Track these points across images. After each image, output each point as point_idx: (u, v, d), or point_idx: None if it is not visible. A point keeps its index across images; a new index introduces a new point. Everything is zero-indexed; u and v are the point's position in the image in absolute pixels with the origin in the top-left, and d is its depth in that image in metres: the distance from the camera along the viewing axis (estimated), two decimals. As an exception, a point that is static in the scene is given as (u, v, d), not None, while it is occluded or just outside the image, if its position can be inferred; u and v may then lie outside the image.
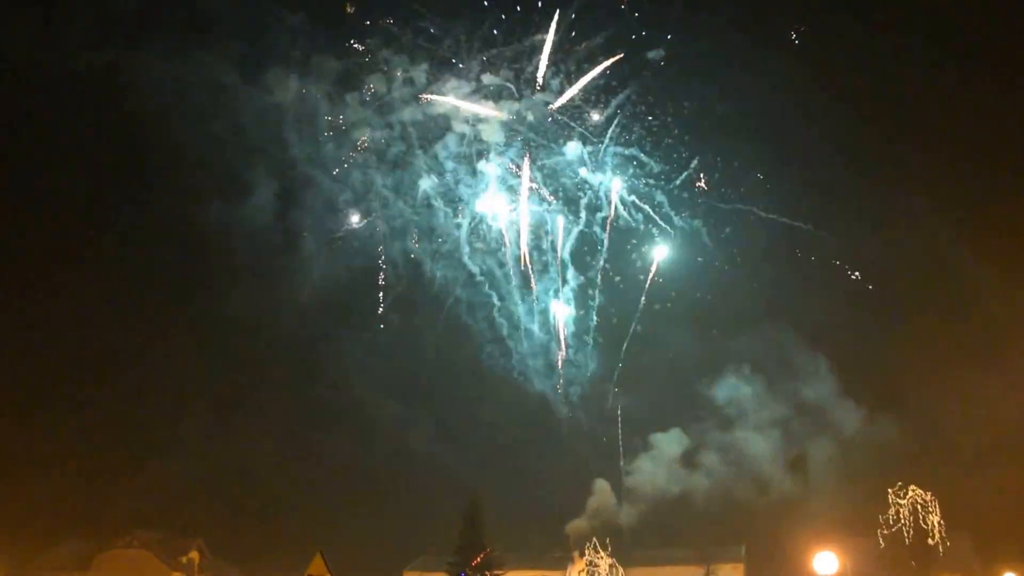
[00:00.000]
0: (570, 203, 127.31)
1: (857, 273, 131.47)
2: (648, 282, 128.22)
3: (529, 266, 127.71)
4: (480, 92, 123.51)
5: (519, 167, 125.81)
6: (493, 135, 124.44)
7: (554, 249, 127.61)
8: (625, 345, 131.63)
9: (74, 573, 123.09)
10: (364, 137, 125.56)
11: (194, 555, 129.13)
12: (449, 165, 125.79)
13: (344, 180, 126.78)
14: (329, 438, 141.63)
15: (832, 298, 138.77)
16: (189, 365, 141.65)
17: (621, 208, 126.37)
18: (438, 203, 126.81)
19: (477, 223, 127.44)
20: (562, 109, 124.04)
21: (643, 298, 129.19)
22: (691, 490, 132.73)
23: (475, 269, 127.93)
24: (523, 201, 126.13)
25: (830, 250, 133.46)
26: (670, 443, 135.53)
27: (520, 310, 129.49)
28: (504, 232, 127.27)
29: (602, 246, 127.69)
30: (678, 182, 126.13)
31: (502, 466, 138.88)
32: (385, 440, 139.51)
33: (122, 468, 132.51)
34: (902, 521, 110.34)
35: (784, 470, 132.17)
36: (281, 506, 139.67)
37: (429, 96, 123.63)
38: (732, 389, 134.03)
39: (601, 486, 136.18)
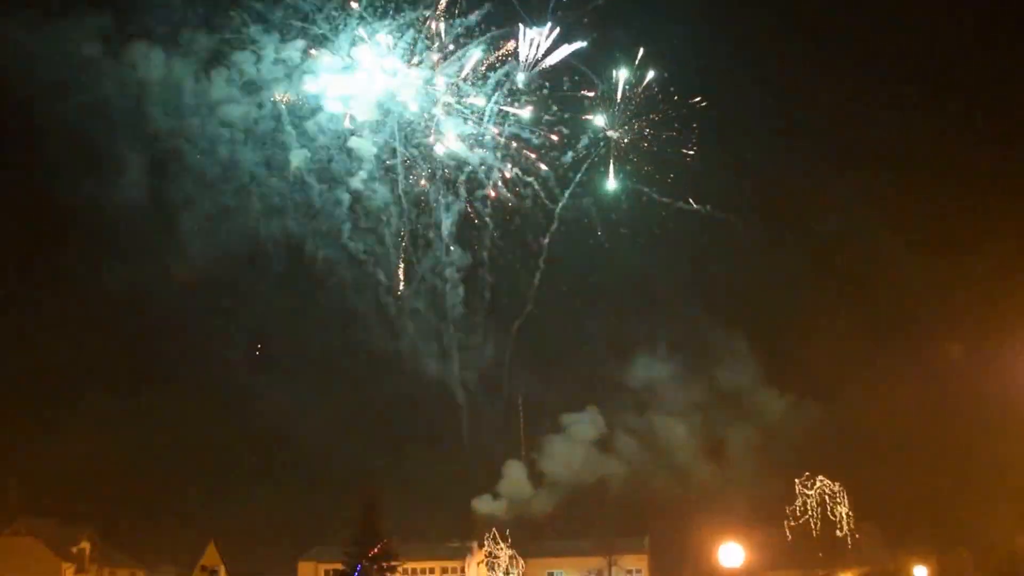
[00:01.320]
0: (448, 182, 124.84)
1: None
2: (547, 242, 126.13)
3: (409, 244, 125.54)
4: (352, 69, 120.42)
5: (394, 145, 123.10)
6: (366, 113, 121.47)
7: (437, 227, 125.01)
8: (518, 324, 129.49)
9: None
10: (231, 113, 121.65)
11: (85, 544, 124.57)
12: (321, 141, 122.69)
13: (213, 157, 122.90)
14: (221, 426, 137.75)
15: (741, 284, 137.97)
16: (75, 350, 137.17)
17: (503, 188, 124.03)
18: (311, 180, 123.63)
19: (355, 201, 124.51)
20: (440, 85, 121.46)
21: (537, 277, 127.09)
22: (601, 476, 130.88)
23: (357, 247, 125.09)
24: (399, 178, 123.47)
25: (736, 236, 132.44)
26: (582, 425, 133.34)
27: (407, 290, 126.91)
28: (383, 210, 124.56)
29: (487, 224, 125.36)
30: (567, 159, 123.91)
31: (401, 454, 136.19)
32: (278, 427, 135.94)
33: (11, 454, 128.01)
34: (809, 512, 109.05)
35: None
36: (174, 495, 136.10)
37: (281, 96, 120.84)
38: (641, 371, 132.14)
39: (512, 468, 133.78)
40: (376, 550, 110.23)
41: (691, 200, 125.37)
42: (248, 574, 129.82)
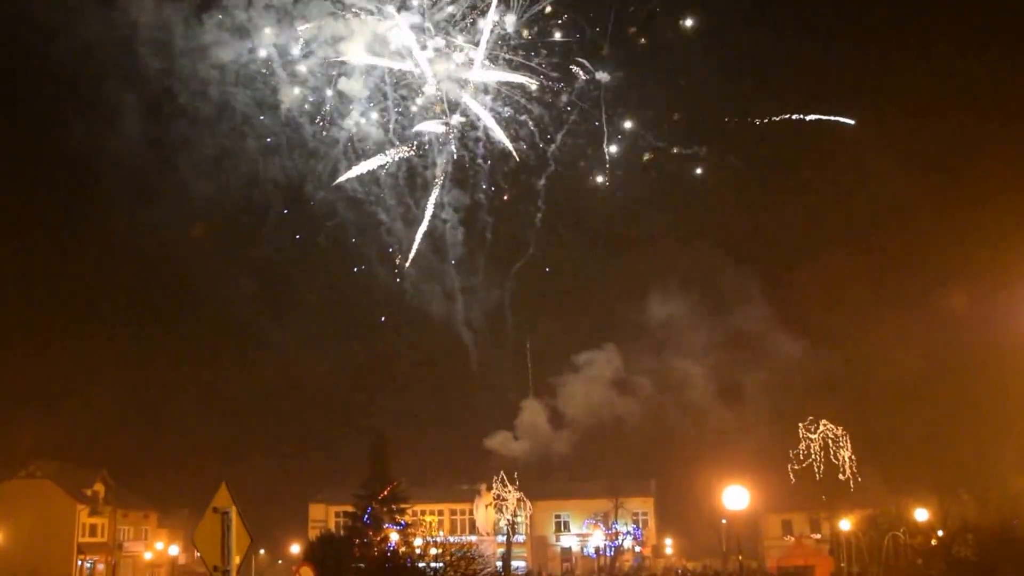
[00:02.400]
0: (441, 123, 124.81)
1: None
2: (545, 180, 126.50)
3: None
4: (345, 11, 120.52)
5: (384, 88, 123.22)
6: (356, 56, 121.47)
7: (435, 166, 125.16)
8: (519, 265, 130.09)
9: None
10: (221, 56, 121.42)
11: (98, 487, 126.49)
12: (312, 83, 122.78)
13: (206, 98, 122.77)
14: (232, 370, 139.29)
15: (743, 228, 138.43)
16: (87, 294, 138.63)
17: (496, 130, 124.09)
18: (303, 121, 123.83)
19: (349, 142, 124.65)
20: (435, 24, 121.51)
21: (539, 216, 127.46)
22: (610, 416, 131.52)
23: (356, 187, 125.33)
24: (391, 120, 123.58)
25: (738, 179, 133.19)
26: (594, 364, 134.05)
27: (408, 232, 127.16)
28: (378, 151, 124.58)
29: (482, 166, 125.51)
30: (561, 101, 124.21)
31: (410, 397, 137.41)
32: (288, 371, 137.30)
33: (25, 398, 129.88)
34: (812, 456, 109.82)
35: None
36: (187, 438, 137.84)
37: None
38: (646, 313, 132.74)
39: (521, 409, 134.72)
40: (385, 493, 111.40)
41: (687, 143, 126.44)
42: (260, 516, 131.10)
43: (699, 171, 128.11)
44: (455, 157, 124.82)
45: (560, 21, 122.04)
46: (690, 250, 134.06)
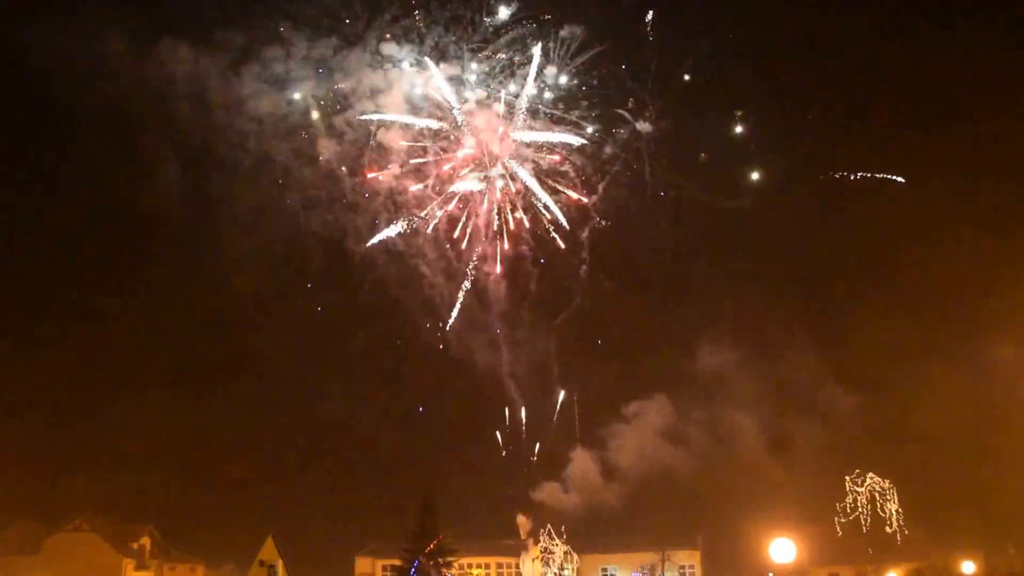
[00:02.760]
0: (481, 175, 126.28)
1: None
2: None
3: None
4: (384, 63, 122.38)
5: (424, 143, 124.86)
6: (395, 108, 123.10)
7: (476, 217, 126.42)
8: (565, 316, 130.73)
9: (23, 556, 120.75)
10: (260, 108, 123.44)
11: (145, 540, 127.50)
12: (350, 136, 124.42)
13: (244, 150, 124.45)
14: (278, 423, 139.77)
15: (788, 277, 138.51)
16: (132, 349, 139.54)
17: (538, 180, 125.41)
18: (343, 172, 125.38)
19: (388, 195, 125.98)
20: (471, 80, 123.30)
21: (583, 267, 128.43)
22: (660, 468, 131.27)
23: (397, 241, 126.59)
24: (431, 173, 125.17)
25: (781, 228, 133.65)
26: (641, 414, 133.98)
27: (451, 285, 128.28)
28: (417, 204, 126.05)
29: (526, 215, 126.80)
30: (603, 153, 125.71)
31: (456, 449, 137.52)
32: (334, 423, 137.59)
33: (73, 452, 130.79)
34: (860, 509, 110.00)
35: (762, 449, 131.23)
36: (233, 492, 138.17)
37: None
38: (693, 364, 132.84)
39: (570, 461, 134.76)
40: (432, 546, 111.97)
41: (728, 193, 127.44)
42: (306, 570, 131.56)
43: (746, 221, 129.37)
44: (496, 209, 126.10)
45: (600, 73, 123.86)
46: (738, 301, 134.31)
